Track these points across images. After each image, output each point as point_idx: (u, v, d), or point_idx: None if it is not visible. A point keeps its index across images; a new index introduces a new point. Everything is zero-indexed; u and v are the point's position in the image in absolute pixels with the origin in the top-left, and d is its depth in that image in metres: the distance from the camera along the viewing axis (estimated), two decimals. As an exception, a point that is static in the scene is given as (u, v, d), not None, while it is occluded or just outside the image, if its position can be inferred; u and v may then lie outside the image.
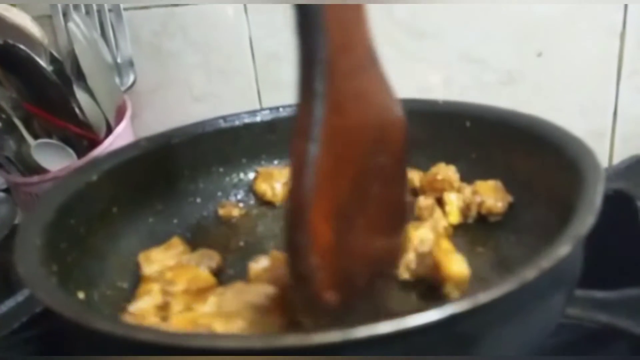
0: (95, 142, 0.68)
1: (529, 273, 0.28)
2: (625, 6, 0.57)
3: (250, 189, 0.55)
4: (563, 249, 0.29)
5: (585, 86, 0.60)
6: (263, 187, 0.53)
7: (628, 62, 0.58)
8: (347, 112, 0.29)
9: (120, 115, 0.70)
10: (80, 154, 0.67)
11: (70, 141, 0.68)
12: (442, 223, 0.44)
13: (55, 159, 0.66)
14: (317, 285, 0.28)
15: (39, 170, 0.66)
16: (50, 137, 0.68)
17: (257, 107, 0.73)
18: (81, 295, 0.40)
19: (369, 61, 0.30)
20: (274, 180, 0.53)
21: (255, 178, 0.54)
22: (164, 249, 0.45)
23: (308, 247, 0.28)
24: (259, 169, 0.55)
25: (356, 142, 0.30)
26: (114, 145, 0.67)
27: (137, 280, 0.43)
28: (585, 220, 0.31)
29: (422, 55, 0.64)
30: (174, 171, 0.52)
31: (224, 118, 0.54)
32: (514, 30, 0.61)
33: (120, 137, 0.68)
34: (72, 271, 0.40)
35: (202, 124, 0.53)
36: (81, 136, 0.68)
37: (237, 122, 0.54)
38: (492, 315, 0.27)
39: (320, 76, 0.27)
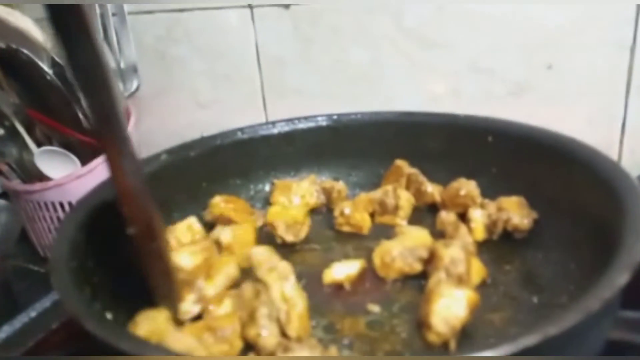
0: (98, 149, 0.66)
1: (593, 304, 0.28)
2: (636, 20, 0.58)
3: (267, 201, 0.54)
4: (622, 278, 0.30)
5: (594, 99, 0.61)
6: (280, 199, 0.53)
7: (637, 76, 0.59)
8: None
9: (123, 121, 0.68)
10: (84, 161, 0.66)
11: (73, 148, 0.66)
12: (469, 240, 0.44)
13: (58, 166, 0.65)
14: None
15: (41, 177, 0.64)
16: (51, 143, 0.67)
17: (262, 113, 0.72)
18: (109, 315, 0.39)
19: None
20: (292, 193, 0.52)
21: (272, 190, 0.54)
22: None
23: None
24: (276, 181, 0.55)
25: None
26: (118, 152, 0.65)
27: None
28: (636, 247, 0.32)
29: (431, 65, 0.64)
30: (193, 183, 0.51)
31: (241, 130, 0.53)
32: (524, 41, 0.61)
33: (125, 144, 0.67)
34: (98, 292, 0.39)
35: (220, 135, 0.53)
36: (85, 143, 0.66)
37: (254, 134, 0.54)
38: (555, 345, 0.28)
39: None
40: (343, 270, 0.43)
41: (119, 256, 0.43)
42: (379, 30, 0.64)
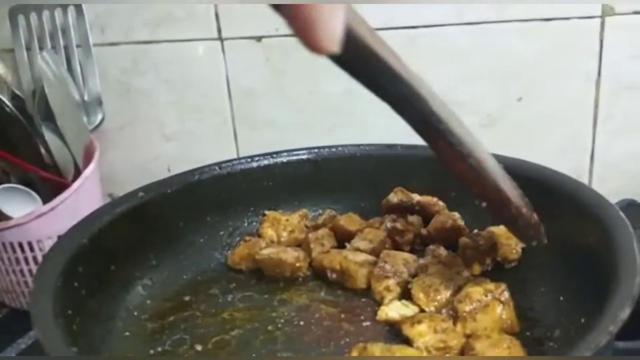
0: (61, 186, 0.63)
1: (601, 339, 0.28)
2: (600, 54, 0.60)
3: (256, 233, 0.53)
4: (624, 311, 0.30)
5: (563, 129, 0.63)
6: (270, 232, 0.51)
7: (603, 108, 0.61)
8: None
9: (88, 156, 0.66)
10: (45, 198, 0.62)
11: (33, 185, 0.63)
12: (466, 274, 0.44)
13: (17, 205, 0.61)
14: None
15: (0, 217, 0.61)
16: (10, 180, 0.63)
17: (233, 145, 0.71)
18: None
19: None
20: (281, 227, 0.51)
21: (262, 222, 0.52)
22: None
23: None
24: (268, 212, 0.53)
25: None
26: (82, 188, 0.63)
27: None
28: (634, 280, 0.32)
29: (405, 97, 0.65)
30: (171, 222, 0.49)
31: (219, 165, 0.52)
32: (494, 74, 0.63)
33: (90, 179, 0.64)
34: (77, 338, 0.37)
35: (197, 171, 0.51)
36: (46, 180, 0.63)
37: (232, 169, 0.52)
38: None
39: None
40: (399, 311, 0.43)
41: (98, 299, 0.42)
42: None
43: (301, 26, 0.22)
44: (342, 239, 0.50)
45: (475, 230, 0.48)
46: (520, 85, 0.63)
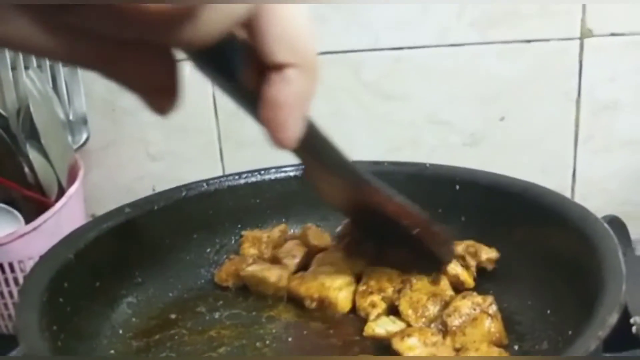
0: (44, 205, 0.63)
1: (591, 343, 0.28)
2: (579, 75, 0.61)
3: (237, 253, 0.52)
4: (612, 317, 0.30)
5: (545, 148, 0.64)
6: (252, 252, 0.51)
7: (584, 127, 0.63)
8: None
9: (72, 175, 0.65)
10: (28, 218, 0.62)
11: (15, 204, 0.62)
12: (450, 293, 0.44)
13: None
14: None
15: (-20, 237, 0.59)
16: (-10, 199, 0.63)
17: (219, 165, 0.71)
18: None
19: None
20: (263, 245, 0.51)
21: (242, 243, 0.52)
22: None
23: None
24: (246, 232, 0.53)
25: None
26: (66, 207, 0.62)
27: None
28: (621, 287, 0.33)
29: (390, 117, 0.66)
30: (156, 239, 0.49)
31: (206, 181, 0.52)
32: (478, 94, 0.64)
33: (73, 199, 0.63)
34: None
35: (184, 187, 0.51)
36: (29, 199, 0.63)
37: (220, 186, 0.52)
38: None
39: None
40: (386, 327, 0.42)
41: (82, 316, 0.41)
42: (339, 83, 0.65)
43: (270, 129, 0.27)
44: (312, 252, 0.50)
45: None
46: (502, 105, 0.64)
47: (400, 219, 0.42)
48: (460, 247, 0.48)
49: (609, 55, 0.60)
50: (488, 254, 0.47)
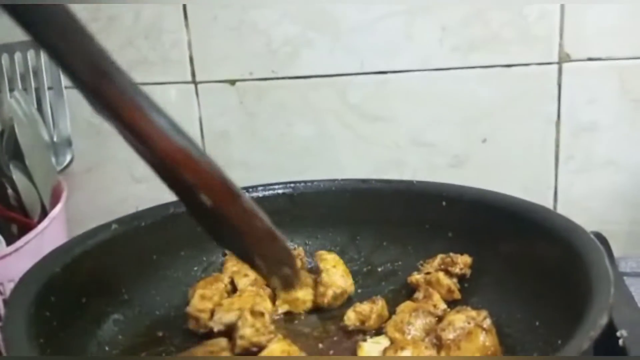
0: (26, 227, 0.62)
1: (584, 343, 0.29)
2: (559, 98, 0.63)
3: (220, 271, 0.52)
4: (603, 318, 0.31)
5: (526, 169, 0.65)
6: (234, 270, 0.51)
7: (564, 148, 0.64)
8: None
9: (55, 197, 0.65)
10: (9, 240, 0.61)
11: (-5, 225, 0.61)
12: (443, 307, 0.45)
13: (-21, 246, 0.59)
14: None
15: (-40, 259, 0.58)
16: (-31, 220, 0.61)
17: (204, 188, 0.71)
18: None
19: None
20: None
21: (225, 262, 0.52)
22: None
23: None
24: (228, 252, 0.53)
25: None
26: (48, 229, 0.61)
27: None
28: (609, 290, 0.33)
29: (376, 139, 0.67)
30: (144, 256, 0.48)
31: (194, 199, 0.52)
32: (461, 117, 0.65)
33: (56, 221, 0.62)
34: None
35: (172, 204, 0.51)
36: (11, 220, 0.62)
37: (208, 203, 0.52)
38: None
39: None
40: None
41: (69, 332, 0.40)
42: (324, 105, 0.66)
43: None
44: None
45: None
46: (484, 127, 0.65)
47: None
48: (436, 262, 0.49)
49: (586, 78, 0.62)
50: (463, 260, 0.48)
